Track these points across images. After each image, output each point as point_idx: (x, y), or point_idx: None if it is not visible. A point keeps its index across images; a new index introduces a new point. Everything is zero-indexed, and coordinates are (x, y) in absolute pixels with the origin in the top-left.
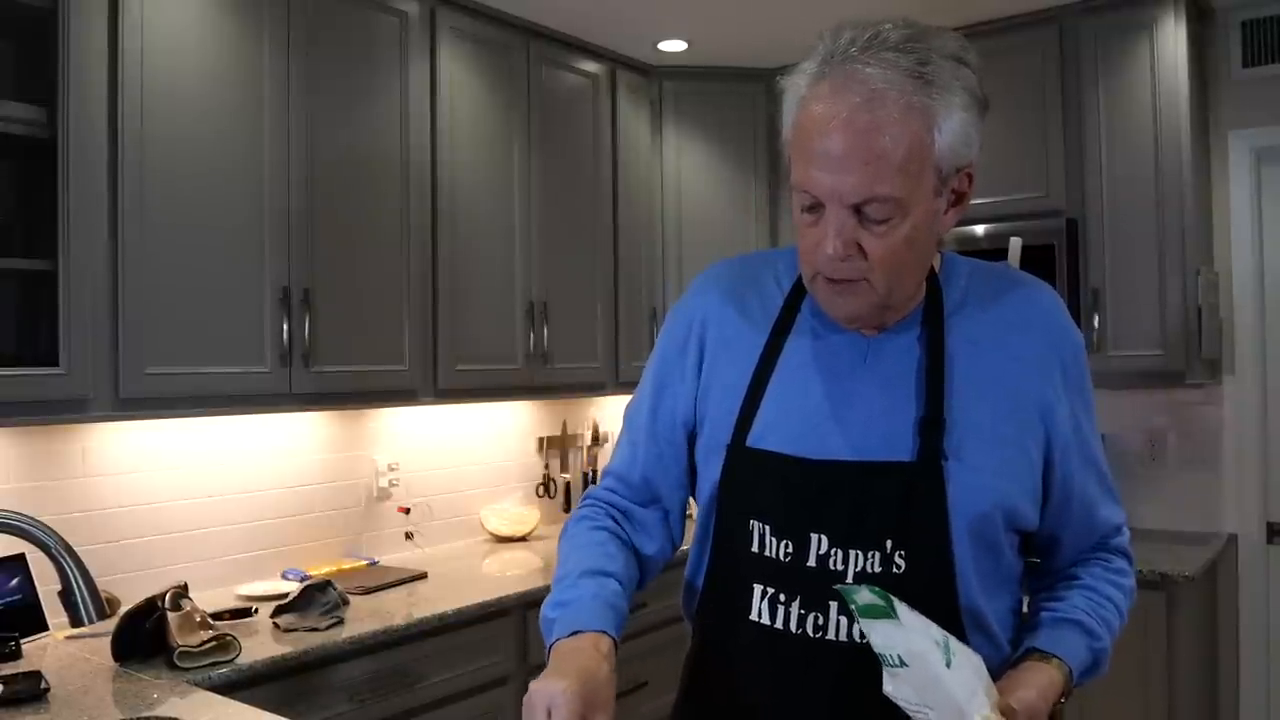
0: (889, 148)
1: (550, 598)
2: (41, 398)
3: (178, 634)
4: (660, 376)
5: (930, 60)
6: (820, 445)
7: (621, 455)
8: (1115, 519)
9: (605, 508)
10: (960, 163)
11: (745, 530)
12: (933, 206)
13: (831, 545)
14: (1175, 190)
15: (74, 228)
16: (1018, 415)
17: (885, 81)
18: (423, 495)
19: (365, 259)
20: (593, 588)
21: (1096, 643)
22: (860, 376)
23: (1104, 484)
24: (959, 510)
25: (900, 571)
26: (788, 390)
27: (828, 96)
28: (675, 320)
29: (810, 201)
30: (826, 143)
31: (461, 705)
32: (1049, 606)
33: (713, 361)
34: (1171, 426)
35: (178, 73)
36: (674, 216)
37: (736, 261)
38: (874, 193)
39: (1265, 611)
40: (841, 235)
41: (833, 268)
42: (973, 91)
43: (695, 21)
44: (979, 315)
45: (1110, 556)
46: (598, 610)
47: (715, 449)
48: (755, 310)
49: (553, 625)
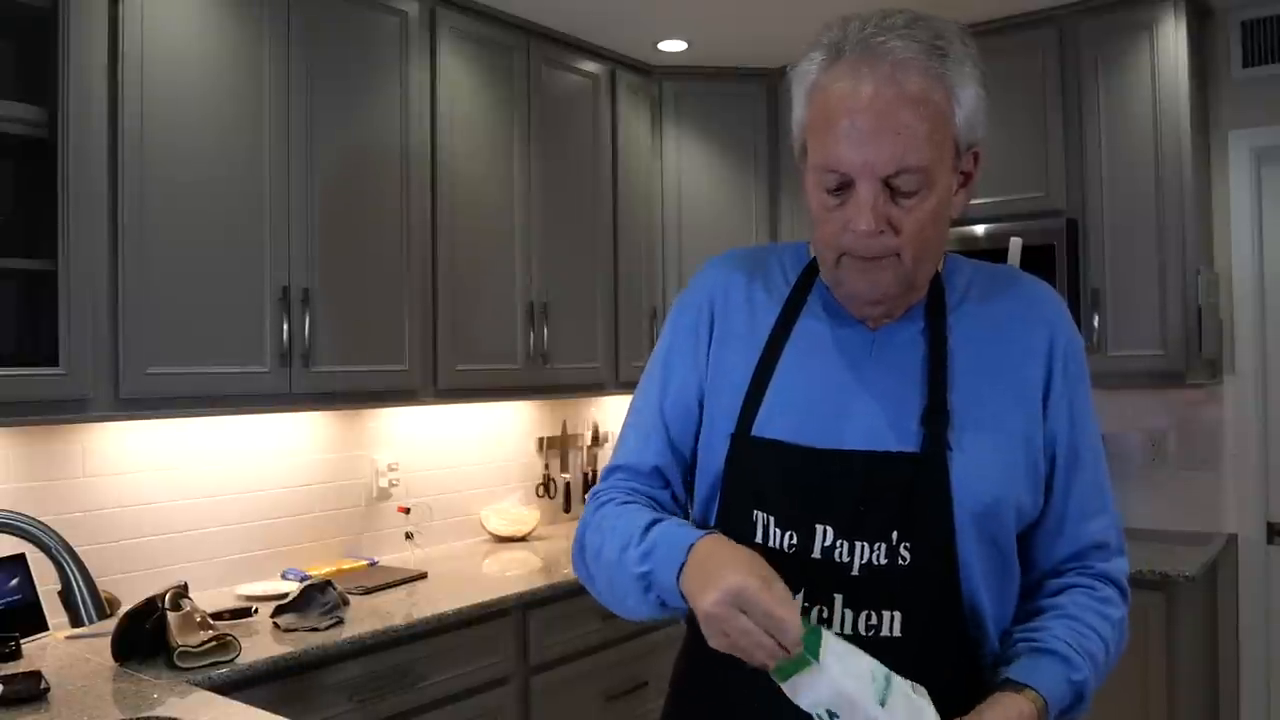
0: (918, 117)
1: (628, 560)
2: (41, 398)
3: (178, 634)
4: (669, 364)
5: (943, 35)
6: (825, 435)
7: (629, 447)
8: (1102, 535)
9: (625, 491)
10: (972, 138)
11: (748, 521)
12: (950, 182)
13: (837, 537)
14: (1175, 190)
15: (74, 228)
16: (1020, 409)
17: (906, 52)
18: (423, 495)
19: (365, 258)
20: (666, 525)
21: (1076, 674)
22: (865, 367)
23: (1095, 490)
24: (963, 502)
25: (905, 563)
26: (793, 380)
27: (849, 73)
28: (682, 308)
29: (838, 181)
30: (855, 117)
31: (461, 705)
32: (1027, 636)
33: (718, 349)
34: (1171, 426)
35: (178, 73)
36: (674, 216)
37: (742, 252)
38: (906, 163)
39: (1265, 611)
40: (875, 209)
41: (864, 245)
42: (980, 68)
43: (695, 21)
44: (981, 310)
45: (1096, 584)
46: (688, 530)
47: (718, 438)
48: (761, 299)
49: (655, 574)
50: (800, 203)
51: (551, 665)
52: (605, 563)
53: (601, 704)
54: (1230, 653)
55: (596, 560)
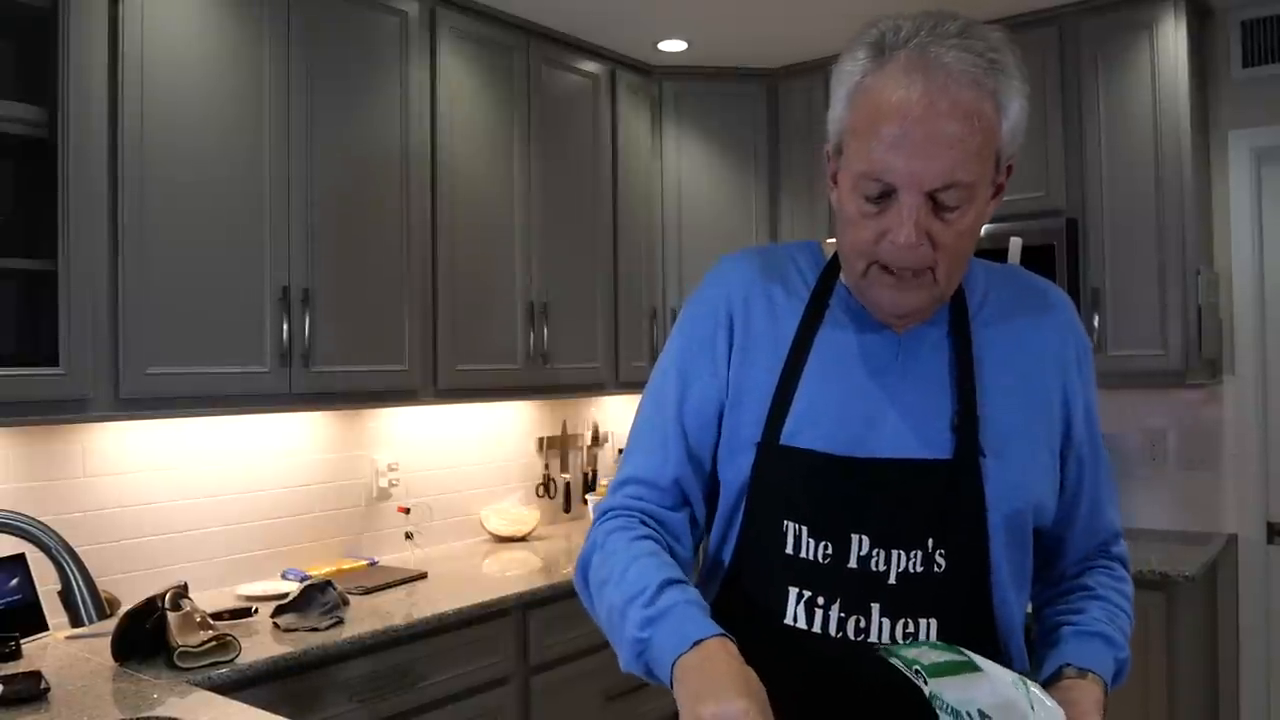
0: (970, 131)
1: (631, 617)
2: (41, 398)
3: (178, 634)
4: (686, 369)
5: (997, 47)
6: (857, 443)
7: (645, 459)
8: (1117, 523)
9: (638, 515)
10: (1012, 150)
11: (778, 531)
12: (988, 194)
13: (873, 546)
14: (1175, 190)
15: (74, 228)
16: (1043, 413)
17: (961, 64)
18: (423, 495)
19: (365, 258)
20: (680, 595)
21: (1120, 653)
22: (892, 374)
23: (1110, 484)
24: (996, 507)
25: (941, 571)
26: (820, 387)
27: (902, 79)
28: (697, 311)
29: (880, 190)
30: (907, 126)
31: (461, 705)
32: (1069, 620)
33: (740, 355)
34: (1171, 426)
35: (177, 73)
36: (674, 216)
37: (755, 253)
38: (954, 178)
39: (1265, 611)
40: (917, 222)
41: (900, 257)
42: (1027, 81)
43: (695, 21)
44: (1000, 315)
45: (1112, 564)
46: (701, 616)
47: (741, 447)
48: (781, 304)
49: (654, 645)
50: (800, 203)
51: (551, 665)
52: (607, 603)
53: (601, 704)
54: (1230, 653)
55: (600, 593)
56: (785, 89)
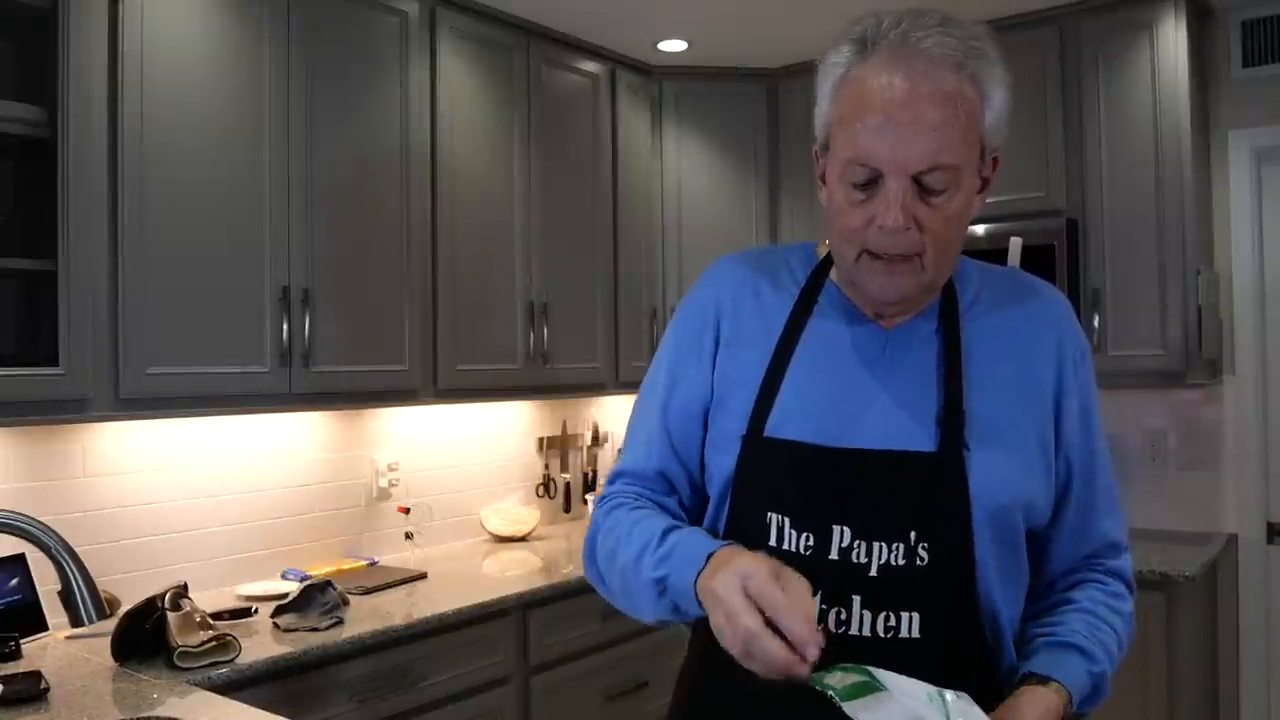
0: (953, 114)
1: (645, 564)
2: (41, 398)
3: (178, 634)
4: (675, 367)
5: (978, 36)
6: (841, 435)
7: (634, 453)
8: (1114, 535)
9: (632, 497)
10: (996, 142)
11: (761, 523)
12: (974, 184)
13: (855, 537)
14: (1175, 190)
15: (74, 228)
16: (1032, 410)
17: (942, 49)
18: (423, 495)
19: (365, 258)
20: (685, 533)
21: (1095, 666)
22: (879, 367)
23: (1107, 493)
24: (980, 502)
25: (924, 564)
26: (806, 380)
27: (884, 67)
28: (688, 311)
29: (866, 176)
30: (890, 111)
31: (461, 705)
32: (1045, 631)
33: (727, 351)
34: (1171, 426)
35: (177, 73)
36: (674, 216)
37: (750, 254)
38: (939, 160)
39: (1265, 611)
40: (903, 206)
41: (889, 242)
42: (1009, 73)
43: (695, 21)
44: (992, 312)
45: (1107, 579)
46: (707, 538)
47: (729, 439)
48: (770, 300)
49: (671, 578)
50: (800, 203)
51: (551, 665)
52: (620, 566)
53: (601, 704)
54: (1230, 653)
55: (610, 563)
56: (785, 89)
